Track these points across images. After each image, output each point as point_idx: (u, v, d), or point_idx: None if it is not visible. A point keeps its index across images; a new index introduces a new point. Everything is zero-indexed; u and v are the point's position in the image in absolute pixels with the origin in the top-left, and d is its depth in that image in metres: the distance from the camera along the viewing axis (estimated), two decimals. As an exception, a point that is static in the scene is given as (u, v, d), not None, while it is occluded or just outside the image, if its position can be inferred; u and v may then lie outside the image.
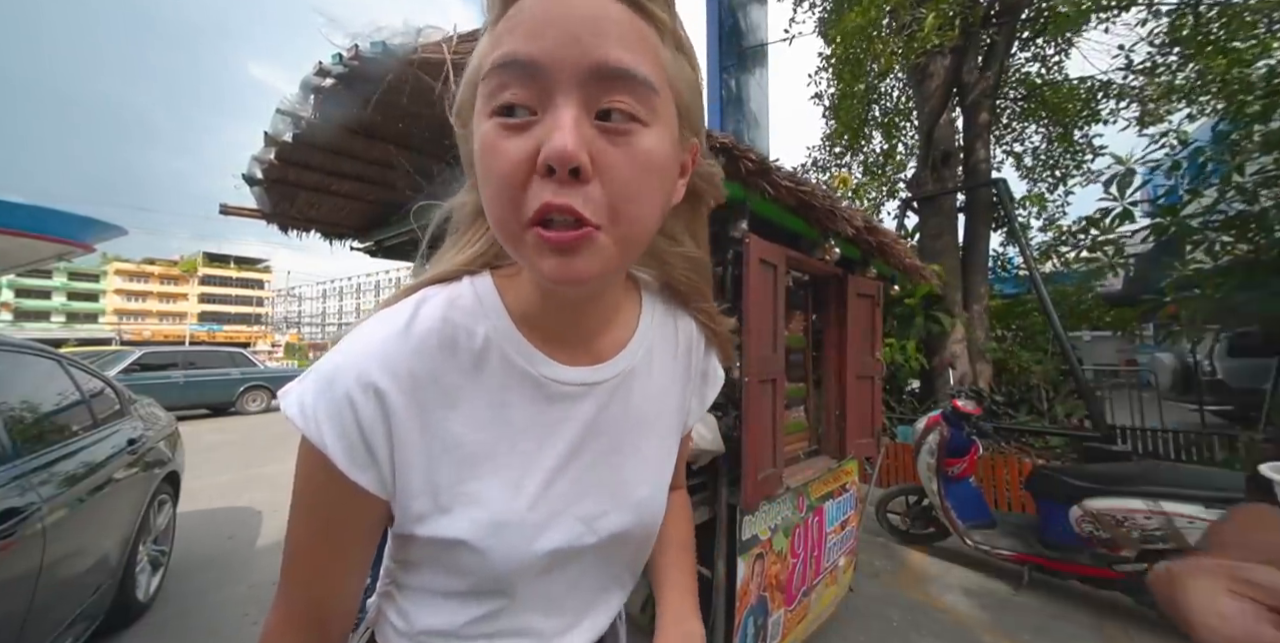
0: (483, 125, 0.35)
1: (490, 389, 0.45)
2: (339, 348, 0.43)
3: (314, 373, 0.41)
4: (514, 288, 0.47)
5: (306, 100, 1.34)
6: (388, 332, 0.43)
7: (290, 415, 0.40)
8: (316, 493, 0.42)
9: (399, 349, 0.42)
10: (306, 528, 0.43)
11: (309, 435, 0.40)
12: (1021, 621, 2.63)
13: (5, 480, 1.59)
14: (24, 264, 6.52)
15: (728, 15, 8.73)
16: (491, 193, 0.36)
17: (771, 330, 1.82)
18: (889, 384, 5.73)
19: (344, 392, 0.40)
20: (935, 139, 6.38)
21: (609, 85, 0.33)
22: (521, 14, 0.34)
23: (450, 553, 0.45)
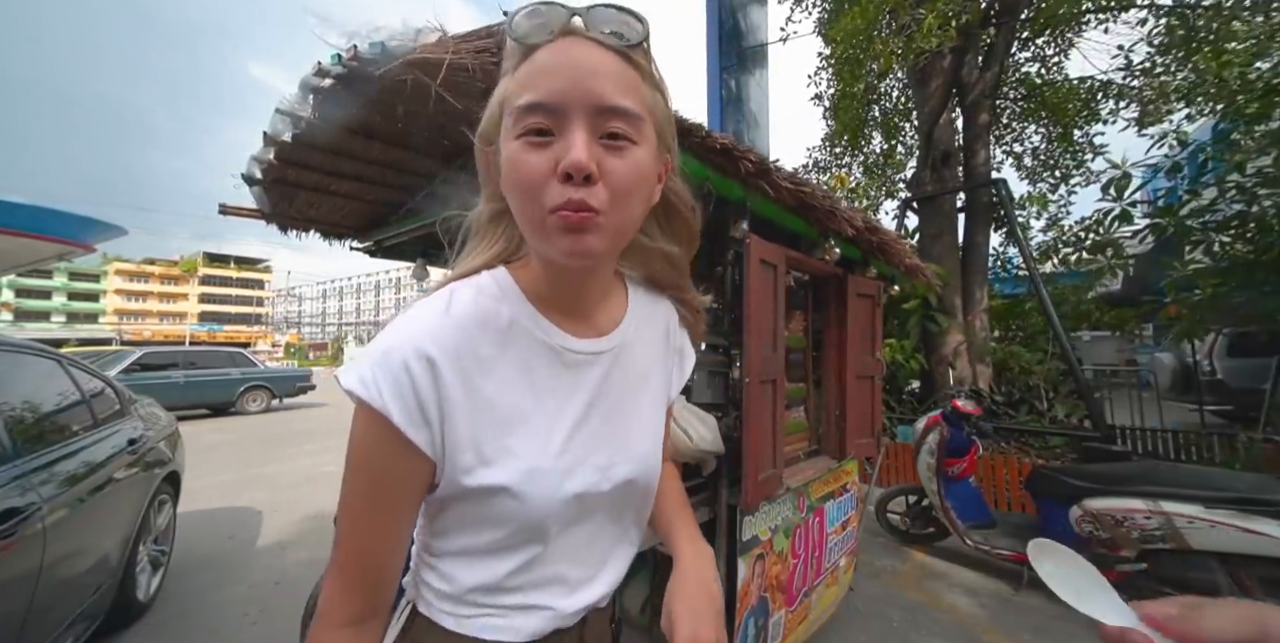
0: (511, 144, 0.47)
1: (518, 359, 0.55)
2: (388, 331, 0.51)
3: (368, 353, 0.50)
4: (527, 275, 0.58)
5: (305, 100, 1.34)
6: (431, 314, 0.53)
7: (351, 388, 0.48)
8: (376, 457, 0.50)
9: (443, 327, 0.52)
10: (366, 491, 0.50)
11: (372, 402, 0.47)
12: (1021, 621, 2.63)
13: (5, 480, 1.59)
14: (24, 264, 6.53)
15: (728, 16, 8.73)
16: (521, 191, 0.47)
17: (772, 330, 1.82)
18: (889, 384, 5.73)
19: (401, 362, 0.48)
20: (935, 139, 6.38)
21: (609, 116, 0.46)
22: (538, 65, 0.47)
23: (492, 503, 0.53)
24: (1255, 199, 4.04)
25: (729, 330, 1.82)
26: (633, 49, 0.50)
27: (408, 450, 0.49)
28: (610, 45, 0.48)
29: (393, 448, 0.49)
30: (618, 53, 0.49)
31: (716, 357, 2.00)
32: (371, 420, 0.49)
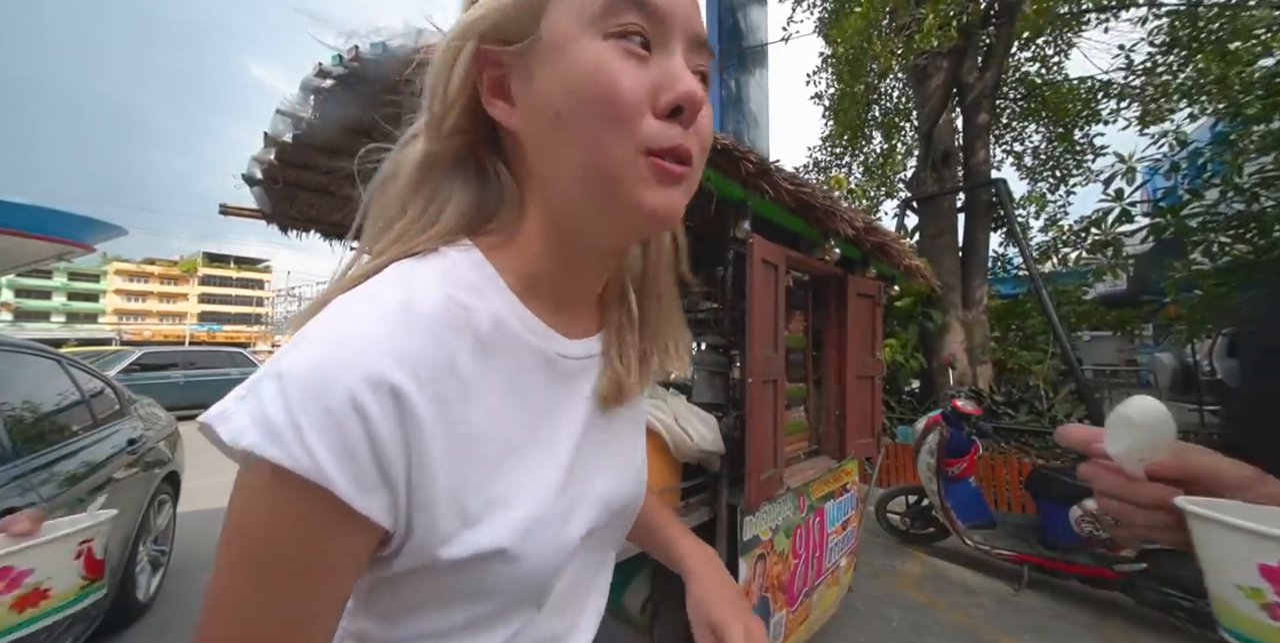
0: (592, 43, 0.34)
1: (506, 373, 0.39)
2: (313, 341, 0.32)
3: (276, 382, 0.30)
4: (510, 258, 0.41)
5: (306, 101, 1.34)
6: (385, 315, 0.33)
7: (246, 443, 0.29)
8: (296, 545, 0.30)
9: (409, 335, 0.33)
10: (268, 594, 0.31)
11: (297, 468, 0.29)
12: (1021, 621, 2.63)
13: (5, 480, 1.59)
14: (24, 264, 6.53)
15: (727, 15, 8.74)
16: (605, 114, 0.34)
17: (773, 331, 1.82)
18: (889, 384, 5.74)
19: (345, 396, 0.30)
20: (935, 139, 6.38)
21: (700, 51, 0.38)
22: None
23: (477, 571, 0.37)
24: (1255, 199, 4.04)
25: (729, 330, 1.82)
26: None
27: (351, 528, 0.31)
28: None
29: (327, 530, 0.31)
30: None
31: (717, 357, 2.00)
32: (294, 496, 0.30)
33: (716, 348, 2.08)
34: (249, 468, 0.31)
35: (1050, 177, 8.52)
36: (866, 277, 2.53)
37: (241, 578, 0.31)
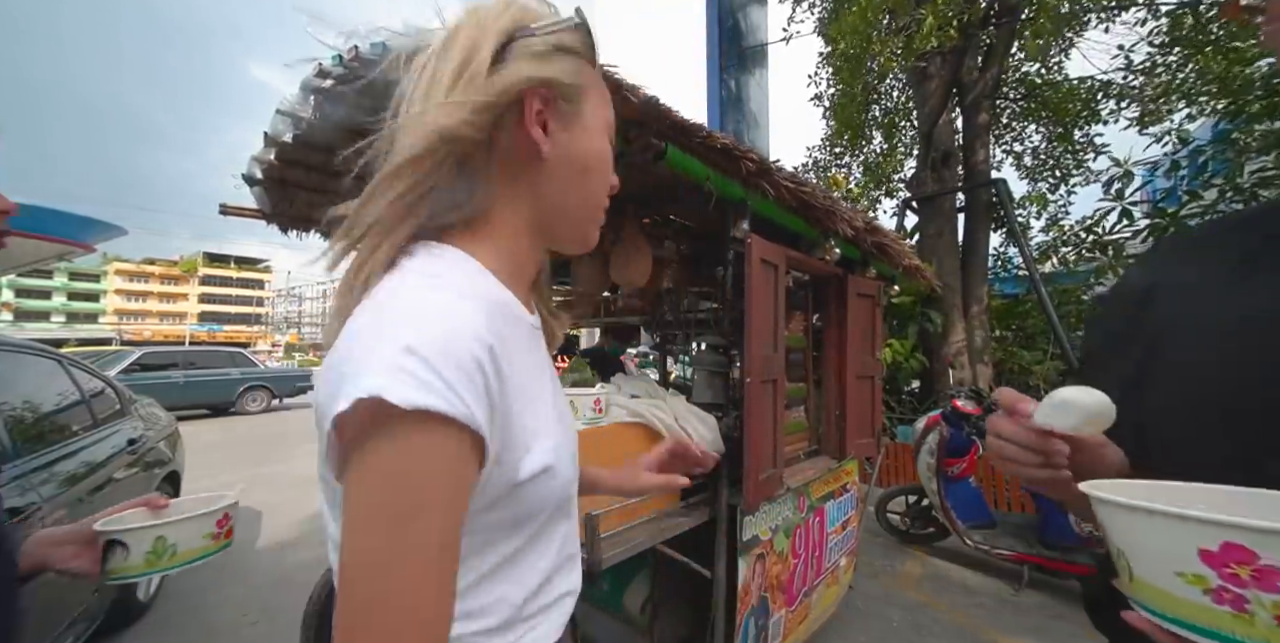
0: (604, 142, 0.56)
1: (519, 339, 0.51)
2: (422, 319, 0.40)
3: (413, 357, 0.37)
4: (490, 252, 0.52)
5: (306, 101, 1.34)
6: (460, 297, 0.43)
7: (426, 404, 0.35)
8: (450, 485, 0.38)
9: (480, 311, 0.43)
10: (441, 538, 0.37)
11: (453, 411, 0.36)
12: (1021, 621, 2.63)
13: (5, 480, 1.59)
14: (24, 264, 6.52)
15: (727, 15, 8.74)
16: (602, 183, 0.56)
17: (772, 330, 1.82)
18: (889, 384, 5.73)
19: (470, 355, 0.39)
20: (935, 139, 6.37)
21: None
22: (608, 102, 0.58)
23: (535, 488, 0.47)
24: (1255, 199, 4.04)
25: (729, 330, 1.82)
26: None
27: (478, 459, 0.40)
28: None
29: (469, 468, 0.39)
30: None
31: (716, 357, 2.00)
32: (448, 438, 0.37)
33: (716, 348, 2.09)
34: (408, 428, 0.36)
35: (1050, 177, 8.52)
36: (866, 277, 2.53)
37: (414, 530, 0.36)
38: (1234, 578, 0.27)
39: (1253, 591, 0.27)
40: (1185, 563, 0.29)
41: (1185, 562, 0.29)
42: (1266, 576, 0.26)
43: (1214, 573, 0.28)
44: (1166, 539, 0.30)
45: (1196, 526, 0.29)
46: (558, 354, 3.40)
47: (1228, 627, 0.28)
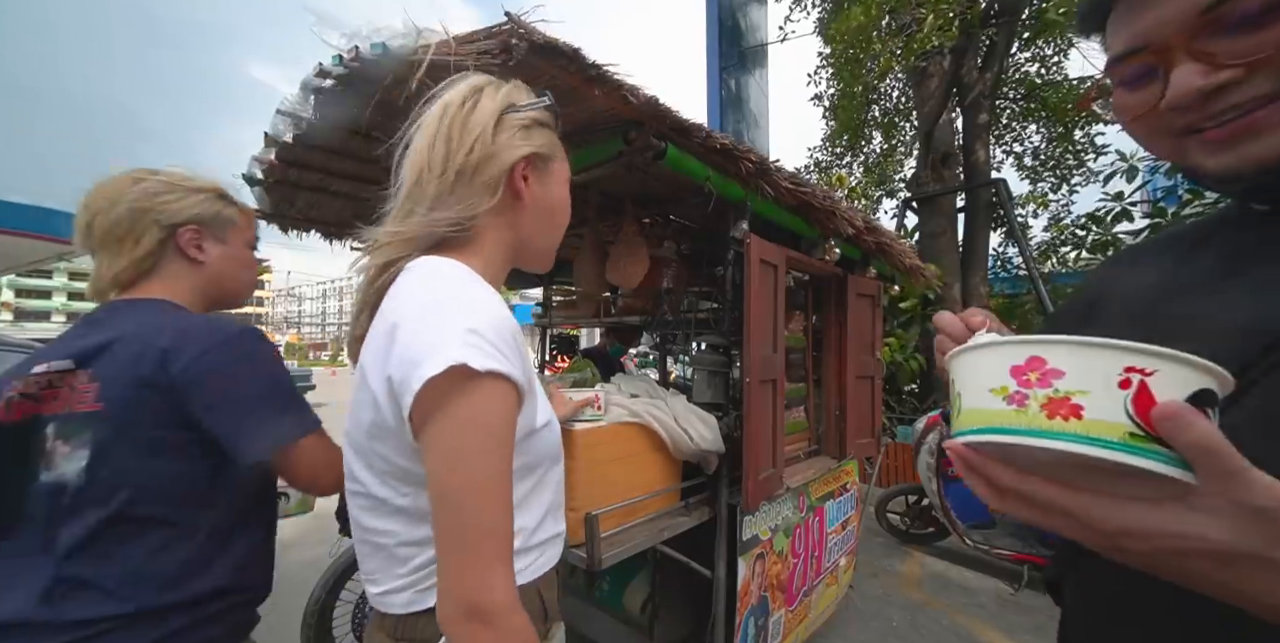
0: (564, 192, 0.77)
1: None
2: (462, 308, 0.55)
3: (469, 329, 0.52)
4: (479, 264, 0.66)
5: (307, 101, 1.34)
6: (484, 290, 0.61)
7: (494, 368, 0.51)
8: (508, 429, 0.54)
9: (500, 302, 0.59)
10: (503, 468, 0.53)
11: (512, 374, 0.53)
12: (1021, 620, 2.63)
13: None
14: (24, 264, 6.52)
15: (727, 15, 8.74)
16: (562, 225, 0.78)
17: (772, 330, 1.82)
18: (889, 384, 5.73)
19: (510, 332, 0.56)
20: (935, 139, 6.38)
21: None
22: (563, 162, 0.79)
23: (542, 437, 0.64)
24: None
25: (729, 330, 1.82)
26: None
27: (520, 410, 0.57)
28: None
29: (515, 415, 0.55)
30: None
31: (716, 356, 2.00)
32: (508, 394, 0.53)
33: (716, 348, 2.09)
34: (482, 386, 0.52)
35: (1050, 176, 8.52)
36: (866, 277, 2.53)
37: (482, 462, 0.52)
38: (1026, 383, 0.33)
39: (1034, 389, 0.33)
40: (998, 379, 0.35)
41: (998, 378, 0.35)
42: (1047, 376, 0.32)
43: (1014, 381, 0.34)
44: (992, 364, 0.35)
45: (1013, 347, 0.34)
46: (558, 354, 3.40)
47: (1009, 421, 0.33)
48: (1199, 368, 0.31)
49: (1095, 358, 0.32)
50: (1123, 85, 0.46)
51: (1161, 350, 0.31)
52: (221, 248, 0.89)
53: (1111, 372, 0.31)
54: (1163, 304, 0.48)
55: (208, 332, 0.76)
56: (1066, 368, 0.32)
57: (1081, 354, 0.32)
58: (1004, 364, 0.35)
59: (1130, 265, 0.59)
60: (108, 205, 0.82)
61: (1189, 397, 0.30)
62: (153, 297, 0.83)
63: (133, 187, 0.83)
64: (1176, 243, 0.54)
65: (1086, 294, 0.61)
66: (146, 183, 0.84)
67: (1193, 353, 0.30)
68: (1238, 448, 0.29)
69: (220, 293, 0.92)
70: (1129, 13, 0.44)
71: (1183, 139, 0.43)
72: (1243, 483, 0.29)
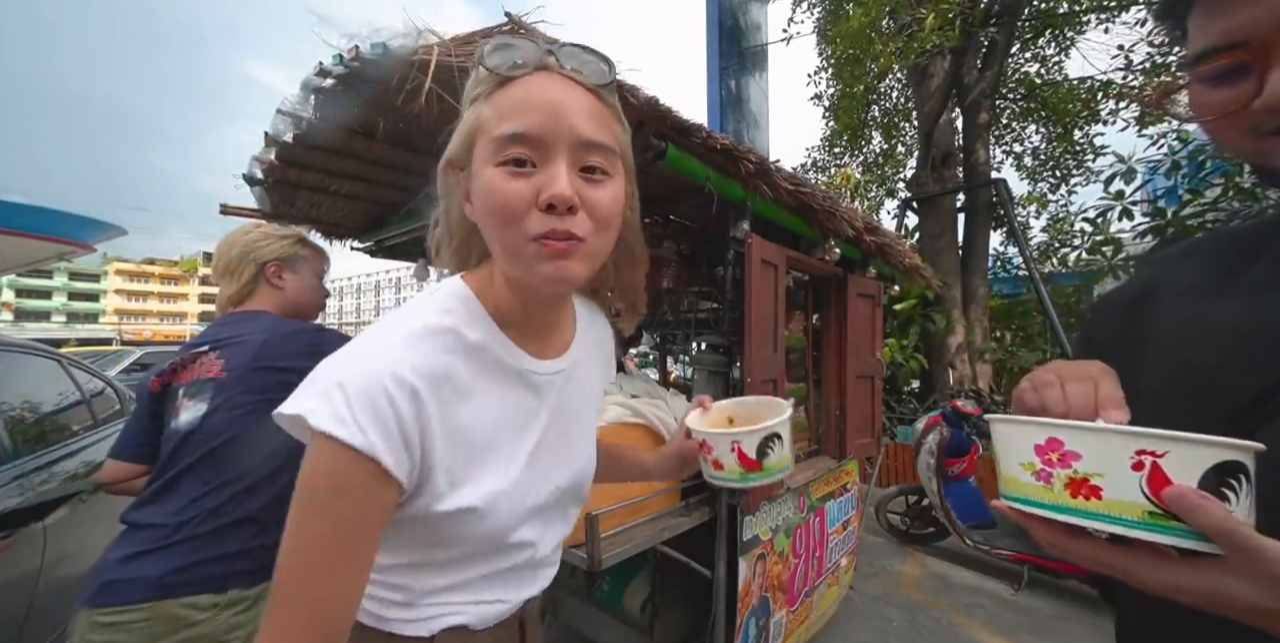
0: (489, 171, 0.48)
1: (489, 386, 0.55)
2: (357, 357, 0.48)
3: (337, 383, 0.45)
4: (491, 294, 0.57)
5: (307, 101, 1.34)
6: (406, 338, 0.50)
7: (326, 428, 0.43)
8: (350, 499, 0.45)
9: (422, 353, 0.50)
10: (331, 538, 0.45)
11: (354, 442, 0.43)
12: (1021, 621, 2.63)
13: (5, 480, 1.59)
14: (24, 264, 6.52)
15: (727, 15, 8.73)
16: (500, 218, 0.48)
17: (772, 330, 1.82)
18: (889, 384, 5.73)
19: (384, 391, 0.45)
20: (935, 139, 6.37)
21: (591, 151, 0.49)
22: (517, 98, 0.49)
23: (457, 522, 0.53)
24: (1255, 198, 4.04)
25: (730, 330, 1.82)
26: (604, 88, 0.53)
27: (387, 487, 0.46)
28: (584, 83, 0.51)
29: (371, 489, 0.45)
30: (591, 91, 0.52)
31: (717, 356, 2.00)
32: (350, 462, 0.44)
33: (716, 348, 2.08)
34: (322, 446, 0.44)
35: (1050, 177, 8.51)
36: (866, 277, 2.53)
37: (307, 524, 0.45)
38: (1049, 461, 0.37)
39: (1057, 469, 0.36)
40: (1025, 455, 0.38)
41: (1025, 454, 0.38)
42: (1066, 457, 0.36)
43: (1039, 459, 0.37)
44: (1017, 439, 0.39)
45: (1033, 427, 0.38)
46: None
47: (1038, 495, 0.37)
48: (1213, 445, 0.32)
49: (1108, 442, 0.34)
50: (1206, 82, 0.44)
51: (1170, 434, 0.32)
52: (295, 277, 1.25)
53: (1124, 455, 0.33)
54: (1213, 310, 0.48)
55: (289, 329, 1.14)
56: (1082, 451, 0.35)
57: (1094, 439, 0.35)
58: (1029, 442, 0.38)
59: (1175, 267, 0.57)
60: (227, 249, 1.22)
61: (1211, 468, 0.32)
62: (256, 309, 1.20)
63: (244, 236, 1.22)
64: (1227, 245, 0.53)
65: (1125, 297, 0.60)
66: (252, 234, 1.23)
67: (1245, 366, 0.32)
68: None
69: (295, 307, 1.25)
70: (1219, 8, 0.42)
71: (1267, 139, 0.42)
72: (1260, 557, 0.31)
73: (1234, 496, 0.32)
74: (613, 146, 0.51)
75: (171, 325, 57.76)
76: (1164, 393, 0.48)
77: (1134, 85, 6.48)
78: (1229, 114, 0.43)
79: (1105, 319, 0.62)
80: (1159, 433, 0.32)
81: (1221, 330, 0.46)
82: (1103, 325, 0.62)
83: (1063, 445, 0.36)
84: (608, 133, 0.52)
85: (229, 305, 1.22)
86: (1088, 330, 0.66)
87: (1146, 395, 0.48)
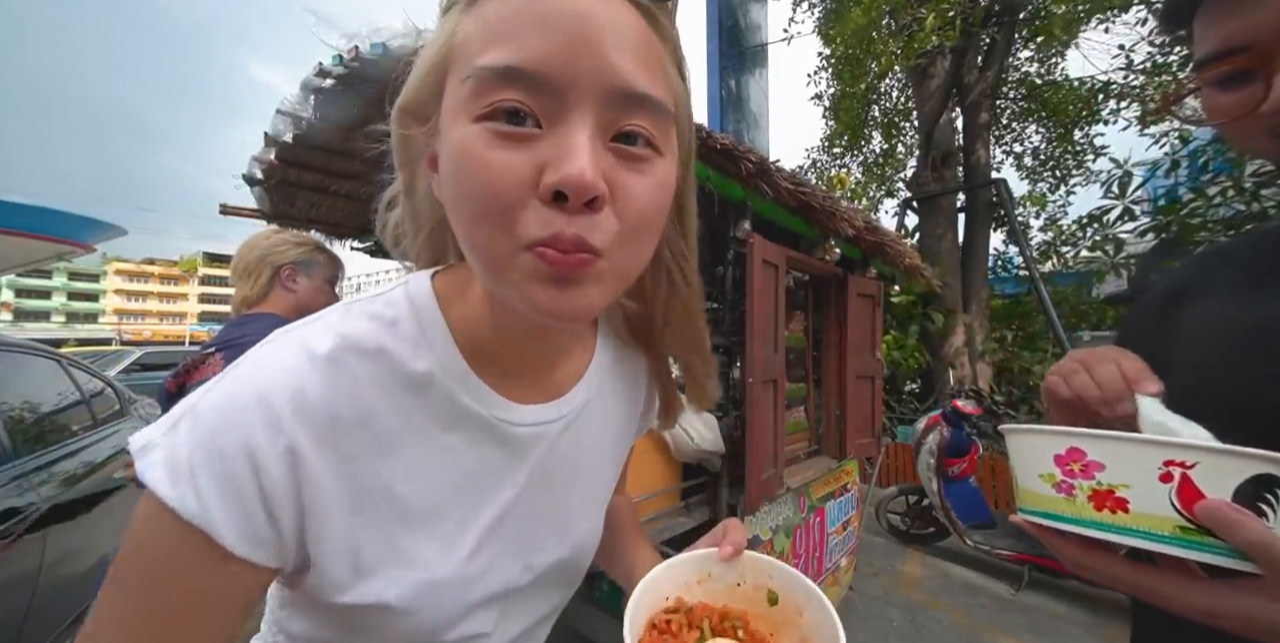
0: (464, 128, 0.30)
1: (432, 433, 0.38)
2: (231, 382, 0.33)
3: (190, 419, 0.32)
4: (463, 306, 0.39)
5: (307, 101, 1.34)
6: (303, 363, 0.34)
7: (154, 487, 0.30)
8: (180, 578, 0.31)
9: (316, 387, 0.33)
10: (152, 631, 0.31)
11: (183, 513, 0.30)
12: (1021, 621, 2.63)
13: (5, 481, 1.59)
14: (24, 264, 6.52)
15: (728, 15, 8.74)
16: (474, 210, 0.30)
17: (773, 331, 1.82)
18: (889, 384, 5.73)
19: (240, 449, 0.31)
20: (935, 139, 6.38)
21: (631, 109, 0.30)
22: (515, 5, 0.29)
23: (366, 615, 0.37)
24: (1256, 198, 4.04)
25: (730, 330, 1.82)
26: (660, 5, 0.33)
27: (236, 569, 0.32)
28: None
29: (211, 570, 0.31)
30: (641, 8, 0.32)
31: (717, 357, 2.00)
32: (175, 533, 0.30)
33: (717, 348, 2.09)
34: (147, 504, 0.31)
35: (1050, 177, 8.52)
36: (867, 276, 2.53)
37: (129, 603, 0.32)
38: (1070, 472, 0.35)
39: (1079, 480, 0.34)
40: (1044, 466, 0.37)
41: (1045, 465, 0.37)
42: (1089, 468, 0.34)
43: (1059, 470, 0.36)
44: (1036, 450, 0.38)
45: (1053, 436, 0.36)
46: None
47: (1061, 508, 0.36)
48: (1248, 457, 0.30)
49: (1133, 452, 0.32)
50: (1216, 86, 0.44)
51: (1200, 444, 0.30)
52: (308, 281, 1.29)
53: (1151, 466, 0.31)
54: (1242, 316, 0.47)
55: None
56: (1106, 461, 0.33)
57: (1119, 448, 0.33)
58: (1048, 452, 0.36)
59: (1208, 269, 0.56)
60: (247, 251, 1.25)
61: (1245, 482, 0.30)
62: (265, 311, 1.23)
63: (264, 241, 1.26)
64: (1260, 247, 0.52)
65: (1158, 297, 0.59)
66: (271, 239, 1.27)
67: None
68: None
69: (304, 310, 1.24)
70: (1222, 13, 0.42)
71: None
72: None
73: (1271, 511, 0.30)
74: (667, 104, 0.32)
75: (171, 325, 57.78)
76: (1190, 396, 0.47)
77: (1134, 85, 6.49)
78: (1242, 117, 0.42)
79: (1138, 320, 0.61)
80: (1188, 442, 0.31)
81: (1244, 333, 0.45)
82: (1133, 326, 0.61)
83: (1085, 455, 0.34)
84: (661, 81, 0.32)
85: (244, 307, 1.26)
86: (1121, 332, 0.64)
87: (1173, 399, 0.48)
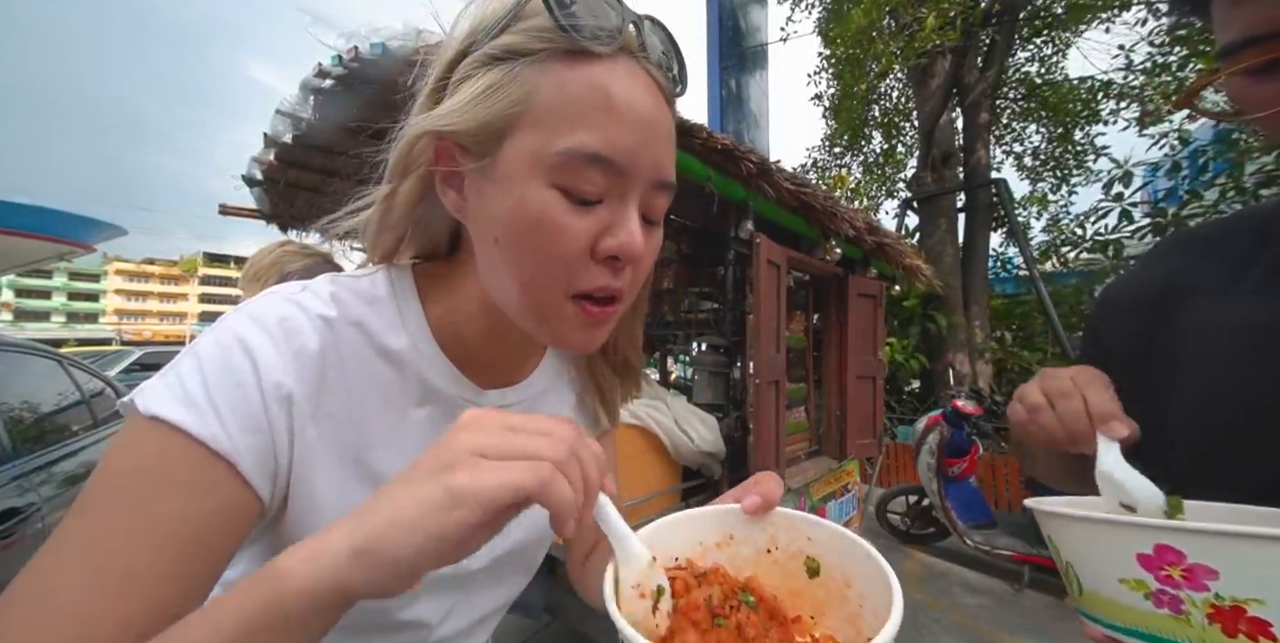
0: (539, 191, 0.35)
1: (403, 405, 0.42)
2: (227, 330, 0.36)
3: (191, 359, 0.34)
4: (446, 304, 0.44)
5: (306, 101, 1.34)
6: (301, 319, 0.38)
7: (172, 418, 0.31)
8: (180, 507, 0.31)
9: (314, 341, 0.37)
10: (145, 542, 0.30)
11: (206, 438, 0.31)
12: (1021, 620, 2.63)
13: (5, 481, 1.59)
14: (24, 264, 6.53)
15: (728, 16, 8.74)
16: (538, 261, 0.36)
17: (775, 331, 1.81)
18: (889, 384, 5.73)
19: (255, 384, 0.34)
20: (935, 139, 6.38)
21: (659, 195, 0.38)
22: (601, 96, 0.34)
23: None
24: (1256, 199, 4.04)
25: (730, 330, 1.82)
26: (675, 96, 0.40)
27: (244, 501, 0.34)
28: (664, 88, 0.38)
29: (218, 500, 0.33)
30: (668, 101, 0.39)
31: (717, 357, 2.00)
32: (198, 464, 0.32)
33: (717, 348, 2.09)
34: (166, 435, 0.32)
35: (1051, 177, 8.52)
36: (867, 277, 2.53)
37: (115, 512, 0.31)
38: (1169, 580, 0.27)
39: (1185, 591, 0.27)
40: (1125, 569, 0.29)
41: (1125, 567, 0.29)
42: (1194, 574, 0.26)
43: (1151, 576, 0.28)
44: (1107, 547, 0.30)
45: (1132, 530, 0.29)
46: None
47: (1169, 630, 0.28)
48: None
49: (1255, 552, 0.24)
50: (1249, 75, 0.41)
51: None
52: None
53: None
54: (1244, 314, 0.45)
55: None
56: (1218, 566, 0.26)
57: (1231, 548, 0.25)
58: (1127, 550, 0.29)
59: (1190, 261, 0.53)
60: (261, 257, 1.29)
61: None
62: None
63: (278, 248, 1.31)
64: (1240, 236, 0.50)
65: (1144, 295, 0.55)
66: (285, 247, 1.32)
67: None
68: None
69: None
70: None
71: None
72: None
73: None
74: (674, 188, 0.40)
75: (171, 325, 57.78)
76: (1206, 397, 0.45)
77: (1134, 85, 6.48)
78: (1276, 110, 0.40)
79: (1118, 319, 0.58)
80: None
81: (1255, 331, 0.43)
82: (1116, 325, 0.58)
83: (1184, 558, 0.26)
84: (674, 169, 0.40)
85: None
86: (1095, 332, 0.61)
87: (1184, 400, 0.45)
